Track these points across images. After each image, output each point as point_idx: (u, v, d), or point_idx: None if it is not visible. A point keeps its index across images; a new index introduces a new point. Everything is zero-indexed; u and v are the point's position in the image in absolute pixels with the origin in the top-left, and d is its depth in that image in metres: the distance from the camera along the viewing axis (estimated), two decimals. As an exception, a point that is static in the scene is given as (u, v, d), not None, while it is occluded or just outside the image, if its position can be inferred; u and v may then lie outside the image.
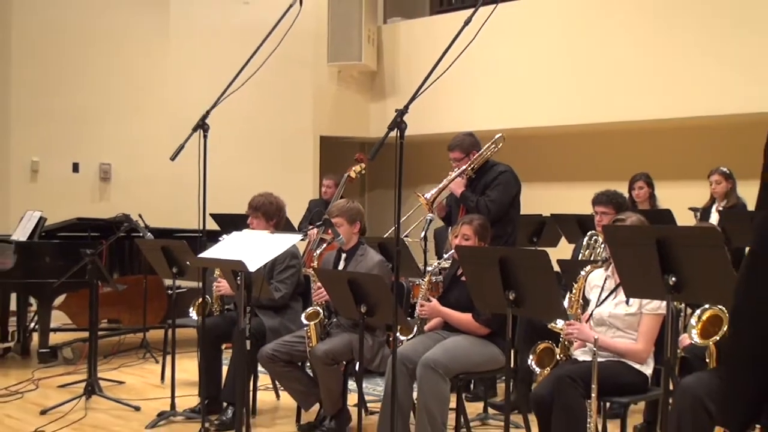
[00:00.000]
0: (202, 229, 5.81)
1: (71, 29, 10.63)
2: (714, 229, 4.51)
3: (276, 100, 10.82)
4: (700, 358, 4.41)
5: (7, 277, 7.88)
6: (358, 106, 11.84)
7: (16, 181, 10.39)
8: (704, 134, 9.38)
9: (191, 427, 5.68)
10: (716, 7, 8.96)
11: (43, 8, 10.45)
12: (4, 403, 6.55)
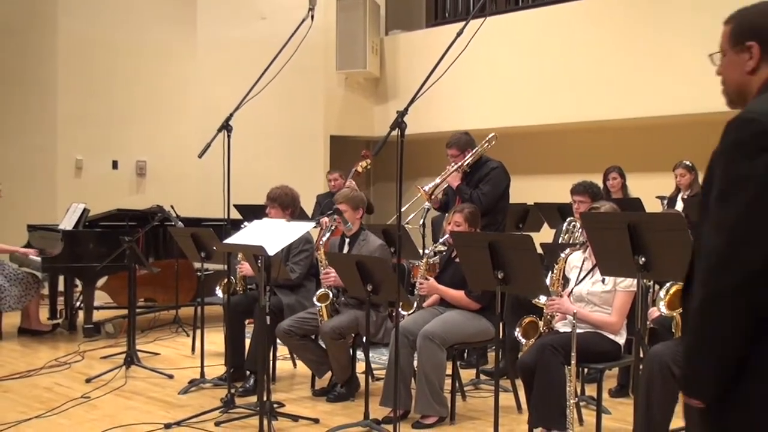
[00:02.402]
0: (227, 218, 5.82)
1: (111, 42, 10.62)
2: (679, 216, 4.51)
3: (291, 104, 10.80)
4: (667, 328, 4.42)
5: (56, 262, 7.91)
6: (363, 109, 11.82)
7: (62, 177, 10.39)
8: (670, 131, 9.36)
9: (218, 393, 5.68)
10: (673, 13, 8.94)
11: (86, 24, 10.43)
12: (54, 372, 6.57)
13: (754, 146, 2.02)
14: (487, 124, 8.84)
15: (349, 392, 5.76)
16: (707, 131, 8.85)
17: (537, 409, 4.58)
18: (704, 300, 2.05)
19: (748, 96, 2.28)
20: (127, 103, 10.73)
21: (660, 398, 4.11)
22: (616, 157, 8.91)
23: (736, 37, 2.27)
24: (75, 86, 10.42)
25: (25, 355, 7.22)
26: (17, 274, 7.94)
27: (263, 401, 4.68)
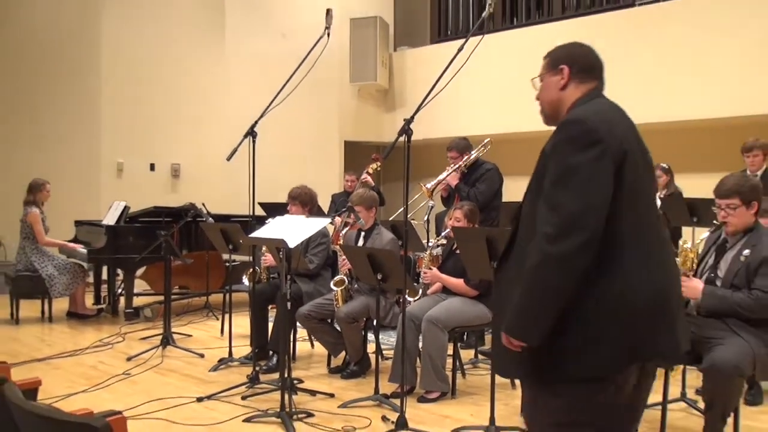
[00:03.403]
0: (252, 214, 5.84)
1: (149, 58, 10.65)
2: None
3: (309, 113, 10.82)
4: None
5: (100, 254, 7.97)
6: (374, 117, 11.83)
7: (105, 177, 10.43)
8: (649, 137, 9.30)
9: (244, 370, 5.70)
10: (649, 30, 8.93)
11: (126, 41, 10.46)
12: (98, 352, 6.60)
13: (584, 141, 2.29)
14: (483, 130, 8.85)
15: (361, 370, 5.77)
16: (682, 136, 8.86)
17: (529, 385, 4.59)
18: (540, 262, 2.26)
19: (561, 111, 2.60)
20: (163, 112, 10.76)
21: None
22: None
23: (553, 64, 2.64)
24: (117, 97, 10.44)
25: (73, 336, 7.26)
26: (66, 265, 7.98)
27: (284, 378, 4.68)
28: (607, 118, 2.42)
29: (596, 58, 2.70)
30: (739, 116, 8.27)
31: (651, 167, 2.60)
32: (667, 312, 2.36)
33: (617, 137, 2.34)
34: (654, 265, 2.35)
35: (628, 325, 2.28)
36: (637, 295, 2.29)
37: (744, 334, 3.96)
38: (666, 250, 2.48)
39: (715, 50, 8.47)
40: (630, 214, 2.32)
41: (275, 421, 4.58)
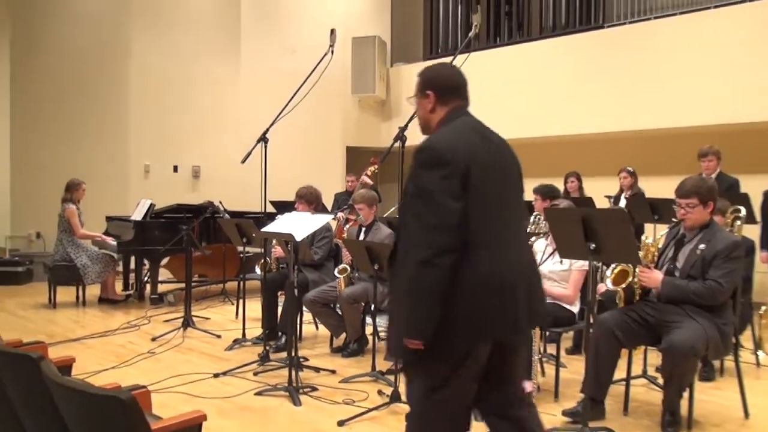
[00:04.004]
0: (264, 211, 5.85)
1: (173, 71, 10.64)
2: (622, 211, 4.51)
3: (315, 121, 10.80)
4: (611, 300, 4.42)
5: (128, 246, 7.98)
6: (373, 125, 11.83)
7: (133, 178, 10.42)
8: (616, 144, 9.36)
9: (256, 350, 5.69)
10: (585, 51, 8.95)
11: (153, 55, 10.46)
12: (126, 333, 6.60)
13: (431, 164, 2.47)
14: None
15: (360, 349, 5.78)
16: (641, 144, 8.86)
17: (508, 363, 4.60)
18: (413, 269, 2.42)
19: (431, 127, 2.77)
20: (185, 120, 10.75)
21: (605, 355, 4.12)
22: (574, 164, 8.91)
23: (421, 88, 2.77)
24: (144, 107, 10.44)
25: (104, 319, 7.25)
26: (98, 255, 7.99)
27: (292, 356, 4.69)
28: (454, 142, 2.56)
29: (458, 80, 2.81)
30: (695, 126, 8.29)
31: (508, 173, 2.72)
32: (510, 300, 2.51)
33: (462, 155, 2.49)
34: (499, 260, 2.52)
35: (478, 310, 2.46)
36: (484, 286, 2.47)
37: (699, 319, 3.98)
38: (513, 247, 2.61)
39: (674, 67, 8.49)
40: (479, 217, 2.48)
41: (283, 394, 4.59)
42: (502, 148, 2.76)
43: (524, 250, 2.72)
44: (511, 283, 2.53)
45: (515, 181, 2.76)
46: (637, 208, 6.67)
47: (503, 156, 2.74)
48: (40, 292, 8.59)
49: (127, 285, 8.78)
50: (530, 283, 2.66)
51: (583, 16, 10.16)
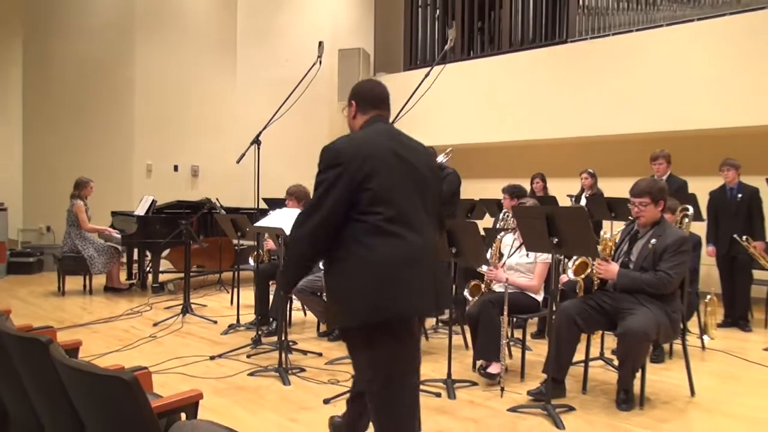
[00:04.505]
0: (257, 207, 5.82)
1: (174, 79, 10.56)
2: (582, 209, 4.53)
3: (304, 125, 10.76)
4: (572, 289, 4.45)
5: (132, 239, 7.94)
6: (357, 129, 11.83)
7: (136, 176, 10.34)
8: (578, 148, 9.42)
9: (249, 334, 5.69)
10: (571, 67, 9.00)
11: (156, 63, 10.37)
12: (130, 318, 6.56)
13: (329, 163, 2.63)
14: (446, 140, 8.85)
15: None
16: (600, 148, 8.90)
17: (479, 346, 4.61)
18: (291, 239, 2.70)
19: (354, 131, 2.92)
20: (184, 124, 10.68)
21: (566, 339, 4.15)
22: (539, 166, 8.95)
23: (348, 99, 2.96)
24: (147, 111, 10.35)
25: (109, 306, 7.20)
26: (103, 247, 7.93)
27: (282, 340, 4.68)
28: (357, 143, 2.71)
29: (379, 94, 2.94)
30: (649, 132, 8.35)
31: (415, 171, 2.78)
32: (417, 277, 2.61)
33: (361, 158, 2.62)
34: (401, 245, 2.61)
35: (385, 284, 2.57)
36: (388, 267, 2.58)
37: (650, 307, 4.01)
38: (414, 234, 2.66)
39: (630, 79, 8.54)
40: (383, 205, 2.59)
41: (274, 375, 4.58)
42: (412, 150, 2.84)
43: (427, 238, 2.73)
44: (412, 266, 2.62)
45: (424, 180, 2.81)
46: (596, 207, 6.72)
47: (413, 156, 2.81)
48: (50, 281, 8.53)
49: (131, 275, 8.72)
50: (432, 267, 2.73)
51: (549, 32, 10.21)
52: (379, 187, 2.60)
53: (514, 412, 3.93)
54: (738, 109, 7.62)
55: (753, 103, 7.50)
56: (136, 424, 1.64)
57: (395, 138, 2.83)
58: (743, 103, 7.58)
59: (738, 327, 6.40)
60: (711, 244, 6.58)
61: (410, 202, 2.70)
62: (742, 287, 6.45)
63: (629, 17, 8.93)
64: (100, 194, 8.57)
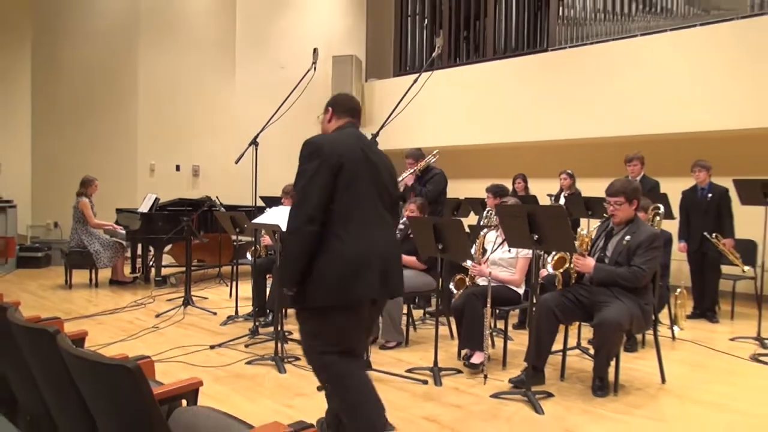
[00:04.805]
0: (254, 205, 5.82)
1: (176, 83, 10.49)
2: (561, 208, 4.55)
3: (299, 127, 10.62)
4: (551, 283, 4.46)
5: (136, 234, 7.90)
6: (349, 131, 11.80)
7: (140, 175, 10.27)
8: (558, 150, 9.44)
9: (247, 325, 5.68)
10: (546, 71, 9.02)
11: (158, 68, 10.30)
12: (133, 310, 6.53)
13: (310, 155, 2.77)
14: (433, 143, 8.86)
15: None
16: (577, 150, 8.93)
17: (464, 336, 4.63)
18: (288, 233, 2.76)
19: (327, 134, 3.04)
20: (186, 125, 10.61)
21: (546, 330, 4.17)
22: (521, 167, 8.97)
23: (326, 105, 3.13)
24: (150, 113, 10.28)
25: (114, 298, 7.17)
26: (109, 242, 7.89)
27: (278, 330, 4.68)
28: (333, 140, 2.86)
29: (353, 104, 3.14)
30: (624, 135, 8.38)
31: (379, 172, 2.93)
32: (366, 267, 2.75)
33: (337, 153, 2.76)
34: (360, 236, 2.77)
35: (340, 274, 2.71)
36: (346, 256, 2.72)
37: (624, 299, 4.04)
38: (374, 229, 2.83)
39: (606, 85, 8.57)
40: (345, 202, 2.75)
41: (270, 363, 4.58)
42: (377, 154, 2.99)
43: (385, 232, 2.91)
44: (369, 256, 2.77)
45: (384, 182, 2.96)
46: (574, 205, 6.74)
47: (377, 159, 2.96)
48: (57, 274, 8.48)
49: (135, 268, 8.69)
50: (387, 258, 2.86)
51: (530, 41, 10.23)
52: (346, 179, 2.76)
53: (497, 399, 3.94)
54: (708, 114, 7.66)
55: (721, 109, 7.55)
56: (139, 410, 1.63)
57: (363, 142, 2.97)
58: (713, 108, 7.62)
59: (706, 318, 6.45)
60: (683, 240, 6.62)
61: (372, 199, 2.87)
62: (711, 281, 6.50)
63: (606, 28, 8.96)
64: (105, 192, 8.53)
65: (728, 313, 6.65)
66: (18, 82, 11.10)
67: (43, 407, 2.22)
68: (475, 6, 10.97)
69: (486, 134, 9.86)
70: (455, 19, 11.23)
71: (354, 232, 2.75)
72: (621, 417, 3.69)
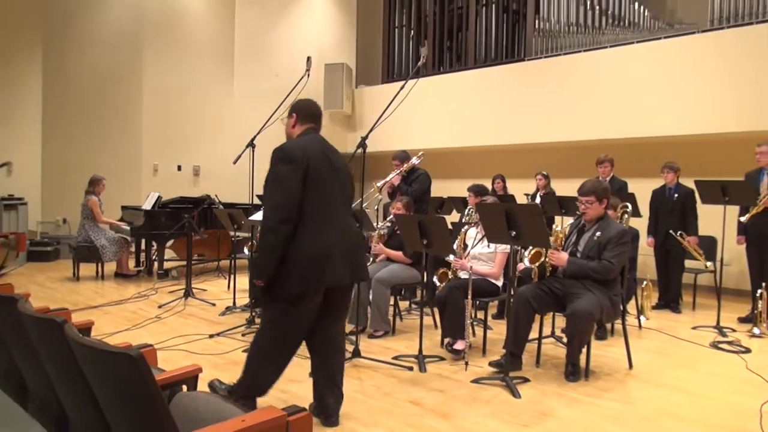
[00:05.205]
0: (251, 203, 5.79)
1: (178, 88, 10.43)
2: (537, 206, 4.56)
3: (294, 131, 10.74)
4: (528, 276, 4.48)
5: (140, 230, 7.86)
6: (340, 135, 11.74)
7: (144, 175, 10.20)
8: (534, 152, 9.47)
9: (244, 315, 5.65)
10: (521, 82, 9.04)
11: (162, 75, 10.24)
12: (137, 301, 6.49)
13: (281, 160, 2.88)
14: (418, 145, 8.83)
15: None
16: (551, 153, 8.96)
17: (447, 326, 4.63)
18: (263, 231, 2.87)
19: (291, 139, 3.14)
20: (187, 129, 10.55)
21: (523, 320, 4.18)
22: (500, 168, 8.99)
23: (290, 111, 3.22)
24: (154, 117, 10.22)
25: (119, 290, 7.11)
26: (114, 237, 7.85)
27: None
28: (302, 146, 2.95)
29: (314, 110, 3.22)
30: (595, 139, 8.43)
31: (339, 172, 3.06)
32: (330, 259, 2.90)
33: (305, 156, 2.88)
34: (323, 231, 2.90)
35: (305, 266, 2.86)
36: (311, 249, 2.86)
37: (595, 291, 4.06)
38: (335, 224, 2.96)
39: (579, 93, 8.61)
40: (312, 201, 2.87)
41: (266, 351, 4.55)
42: (336, 158, 3.10)
43: (347, 226, 3.06)
44: (330, 248, 2.90)
45: (344, 181, 3.10)
46: (549, 204, 6.77)
47: (337, 160, 3.08)
48: (65, 267, 8.41)
49: (139, 262, 8.63)
50: (348, 249, 3.00)
51: (509, 51, 10.25)
52: (313, 181, 2.87)
53: (477, 384, 3.95)
54: (672, 120, 7.71)
55: (685, 115, 7.60)
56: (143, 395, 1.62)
57: (324, 145, 3.10)
58: (677, 115, 7.67)
59: (670, 309, 6.50)
60: (651, 236, 6.66)
61: (334, 196, 2.99)
62: (675, 275, 6.54)
63: (578, 39, 8.99)
64: (111, 190, 8.47)
65: (690, 304, 6.71)
66: (29, 86, 10.98)
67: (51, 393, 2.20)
68: (457, 18, 10.98)
69: (467, 137, 9.88)
70: (439, 31, 11.24)
71: (320, 227, 2.89)
72: (592, 400, 3.71)
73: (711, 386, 4.03)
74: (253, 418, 1.75)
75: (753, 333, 5.40)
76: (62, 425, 2.14)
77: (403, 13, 11.77)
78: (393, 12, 11.88)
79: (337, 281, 2.97)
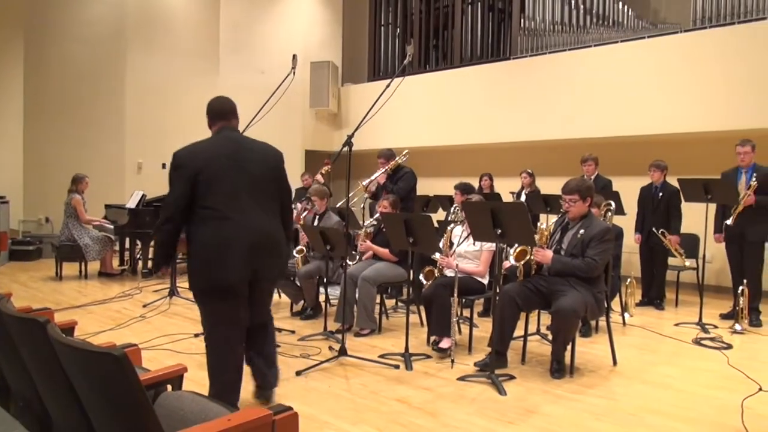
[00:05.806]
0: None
1: (162, 84, 10.36)
2: (522, 204, 4.59)
3: (279, 128, 10.57)
4: (513, 274, 4.50)
5: (124, 229, 7.84)
6: (326, 133, 11.74)
7: (128, 173, 10.12)
8: (519, 151, 9.52)
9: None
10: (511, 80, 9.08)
11: (144, 72, 10.16)
12: (122, 300, 6.44)
13: (171, 165, 3.03)
14: (404, 143, 8.84)
15: (314, 314, 5.75)
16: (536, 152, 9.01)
17: (433, 324, 4.64)
18: (156, 228, 3.08)
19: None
20: (171, 126, 10.43)
21: (508, 317, 4.20)
22: (487, 166, 9.02)
23: (206, 112, 3.34)
24: (137, 114, 10.14)
25: (103, 289, 7.05)
26: (98, 236, 7.77)
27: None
28: (193, 150, 3.08)
29: (220, 108, 3.32)
30: (580, 137, 8.48)
31: (248, 169, 3.10)
32: (230, 255, 2.99)
33: (194, 161, 3.02)
34: (222, 228, 2.99)
35: (204, 262, 3.02)
36: (209, 246, 3.00)
37: (579, 288, 4.09)
38: (239, 220, 3.01)
39: (564, 91, 8.66)
40: (210, 199, 2.98)
41: (252, 350, 4.53)
42: (250, 152, 3.17)
43: (252, 223, 3.06)
44: (228, 244, 2.98)
45: (252, 175, 3.11)
46: (534, 202, 6.81)
47: (248, 156, 3.14)
48: (48, 267, 8.31)
49: (123, 261, 8.53)
50: (254, 244, 3.04)
51: (494, 50, 10.28)
52: (206, 183, 2.97)
53: (463, 381, 3.97)
54: (655, 118, 7.78)
55: (668, 114, 7.67)
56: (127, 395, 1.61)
57: (236, 142, 3.17)
58: (660, 113, 7.74)
59: (653, 306, 6.56)
60: (638, 232, 6.69)
61: (239, 194, 3.03)
62: (659, 272, 6.61)
63: (563, 38, 9.04)
64: (94, 189, 8.37)
65: (673, 301, 6.78)
66: (10, 81, 10.83)
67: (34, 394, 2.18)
68: (443, 17, 10.99)
69: (453, 136, 9.90)
70: (425, 29, 11.25)
71: (219, 224, 2.98)
72: (576, 396, 3.74)
73: (694, 382, 4.07)
74: (239, 417, 1.74)
75: (734, 329, 5.47)
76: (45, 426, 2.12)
77: (389, 11, 11.77)
78: (379, 10, 11.87)
79: (237, 276, 3.02)
